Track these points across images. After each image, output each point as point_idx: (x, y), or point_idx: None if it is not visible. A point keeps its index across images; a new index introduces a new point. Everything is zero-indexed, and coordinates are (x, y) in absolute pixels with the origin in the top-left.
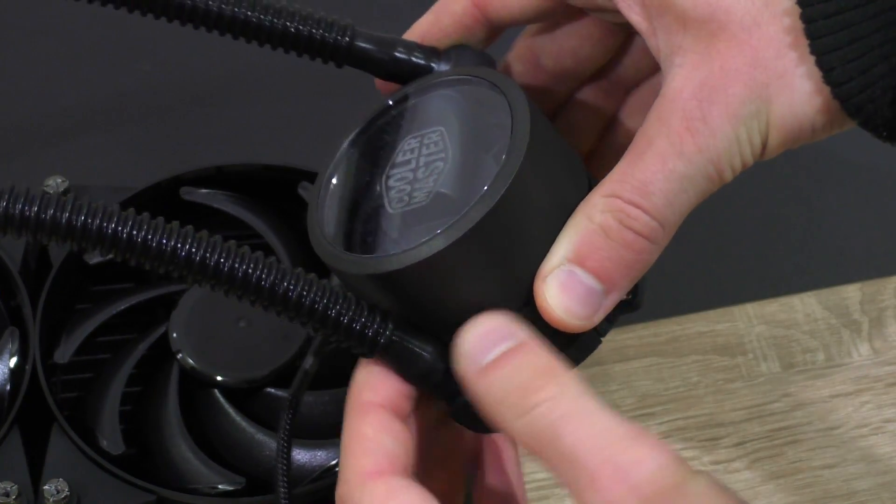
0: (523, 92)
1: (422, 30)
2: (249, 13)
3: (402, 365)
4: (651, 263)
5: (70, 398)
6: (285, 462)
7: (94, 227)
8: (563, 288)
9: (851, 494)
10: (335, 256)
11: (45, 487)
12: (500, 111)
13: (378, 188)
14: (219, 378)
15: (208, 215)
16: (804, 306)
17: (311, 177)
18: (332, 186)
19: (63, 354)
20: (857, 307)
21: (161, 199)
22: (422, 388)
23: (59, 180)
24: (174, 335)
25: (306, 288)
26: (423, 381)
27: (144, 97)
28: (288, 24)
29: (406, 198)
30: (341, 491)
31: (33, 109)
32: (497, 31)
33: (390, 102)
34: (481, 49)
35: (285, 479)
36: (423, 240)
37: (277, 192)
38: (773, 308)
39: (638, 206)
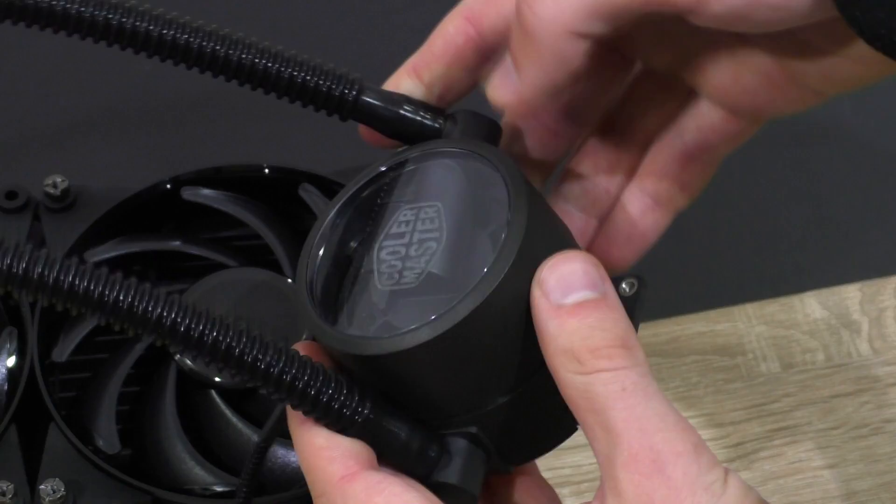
0: (520, 173)
1: (414, 60)
2: (257, 60)
3: (377, 442)
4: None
5: (68, 397)
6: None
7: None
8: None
9: (851, 495)
10: (321, 329)
11: (41, 487)
12: (499, 187)
13: (369, 259)
14: (216, 379)
15: (209, 215)
16: (804, 306)
17: (312, 178)
18: (321, 253)
19: (60, 353)
20: (857, 307)
21: (161, 200)
22: (397, 463)
23: (59, 180)
24: None
25: (288, 365)
26: (397, 457)
27: (145, 97)
28: (295, 73)
29: (396, 275)
30: None
31: (34, 109)
32: (490, 53)
33: (383, 168)
34: (475, 81)
35: None
36: (410, 327)
37: (278, 193)
38: (773, 308)
39: None
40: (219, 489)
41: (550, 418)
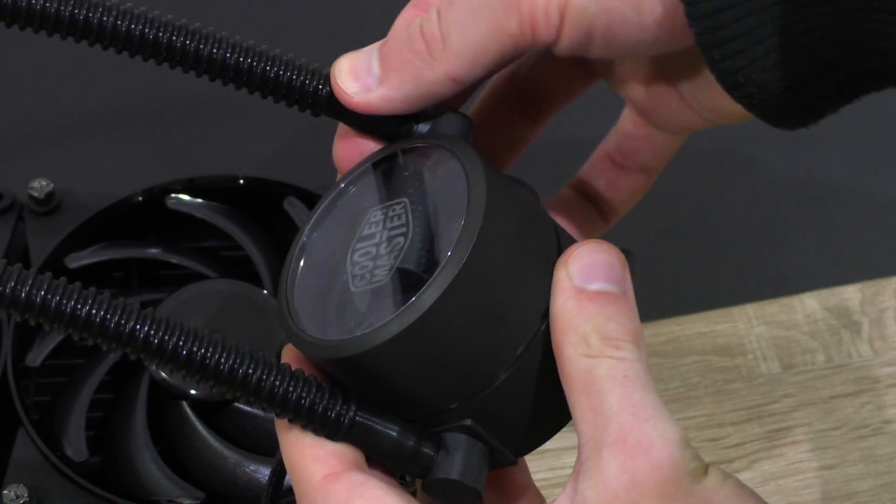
0: (481, 161)
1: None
2: (229, 55)
3: (368, 444)
4: (424, 82)
5: (43, 402)
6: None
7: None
8: (353, 58)
9: (851, 495)
10: (299, 339)
11: (5, 492)
12: (463, 177)
13: (345, 265)
14: (188, 391)
15: (195, 224)
16: (804, 307)
17: (298, 191)
18: (300, 265)
19: (35, 358)
20: (858, 308)
21: (146, 207)
22: (392, 465)
23: (44, 183)
24: None
25: (266, 372)
26: (391, 459)
27: (136, 102)
28: (267, 68)
29: (368, 275)
30: None
31: (21, 111)
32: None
33: (354, 175)
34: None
35: None
36: (380, 323)
37: (266, 205)
38: (773, 308)
39: (439, 13)
40: (185, 502)
41: (544, 402)
